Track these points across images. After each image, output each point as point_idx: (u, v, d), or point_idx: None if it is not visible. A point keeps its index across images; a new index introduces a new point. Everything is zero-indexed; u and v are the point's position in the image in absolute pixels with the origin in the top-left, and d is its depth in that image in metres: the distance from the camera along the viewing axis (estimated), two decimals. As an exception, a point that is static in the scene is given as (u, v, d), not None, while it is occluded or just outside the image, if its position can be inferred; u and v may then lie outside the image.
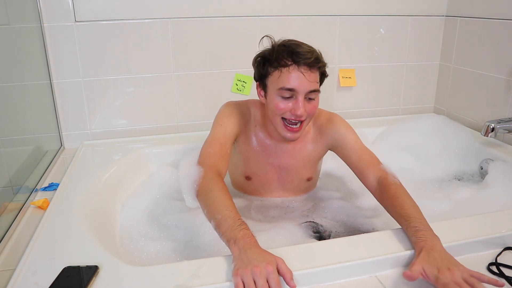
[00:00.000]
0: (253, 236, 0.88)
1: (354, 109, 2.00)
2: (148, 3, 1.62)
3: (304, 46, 1.15)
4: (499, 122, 1.49)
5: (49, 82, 1.61)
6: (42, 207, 1.18)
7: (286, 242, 1.10)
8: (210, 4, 1.68)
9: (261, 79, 1.21)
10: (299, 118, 1.15)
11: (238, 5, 1.71)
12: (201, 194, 1.03)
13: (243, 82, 1.80)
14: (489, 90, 1.74)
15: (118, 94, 1.71)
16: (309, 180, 1.38)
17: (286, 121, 1.18)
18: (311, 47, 1.16)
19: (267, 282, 0.77)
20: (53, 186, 1.32)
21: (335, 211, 1.33)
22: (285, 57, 1.13)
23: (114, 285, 0.82)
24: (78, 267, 0.86)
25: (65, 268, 0.86)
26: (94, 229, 1.05)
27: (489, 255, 0.95)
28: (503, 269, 0.90)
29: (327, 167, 1.56)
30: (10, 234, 1.06)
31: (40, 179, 1.38)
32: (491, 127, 1.48)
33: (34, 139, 1.52)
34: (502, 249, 0.96)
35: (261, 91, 1.23)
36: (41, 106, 1.59)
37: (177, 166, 1.40)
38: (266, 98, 1.21)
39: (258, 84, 1.23)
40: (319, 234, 1.21)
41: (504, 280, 0.86)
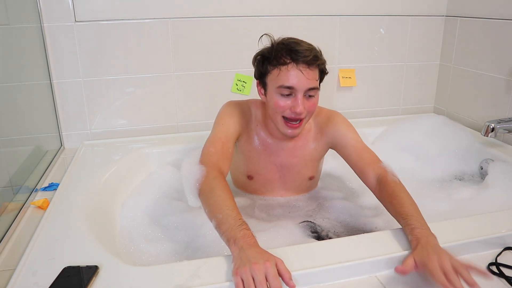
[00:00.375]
0: (253, 236, 0.89)
1: (354, 109, 1.99)
2: (148, 3, 1.62)
3: (303, 44, 1.15)
4: (499, 122, 1.49)
5: (49, 82, 1.61)
6: (42, 207, 1.18)
7: (285, 242, 1.09)
8: (210, 4, 1.68)
9: (261, 77, 1.21)
10: (299, 115, 1.15)
11: (238, 5, 1.71)
12: (203, 193, 1.03)
13: (243, 82, 1.80)
14: (489, 90, 1.74)
15: (118, 94, 1.71)
16: (311, 179, 1.38)
17: (287, 119, 1.18)
18: (310, 45, 1.16)
19: (266, 278, 0.77)
20: (53, 186, 1.32)
21: (339, 211, 1.33)
22: (283, 55, 1.13)
23: (114, 285, 0.82)
24: (78, 267, 0.86)
25: (65, 268, 0.86)
26: (94, 229, 1.05)
27: (489, 255, 0.95)
28: (503, 269, 0.90)
29: (327, 167, 1.56)
30: (10, 234, 1.06)
31: (40, 179, 1.38)
32: (491, 127, 1.47)
33: (34, 139, 1.52)
34: (502, 249, 0.96)
35: (261, 89, 1.23)
36: (41, 106, 1.59)
37: (177, 166, 1.40)
38: (266, 96, 1.21)
39: (258, 82, 1.24)
40: (317, 234, 1.21)
41: (504, 280, 0.87)
